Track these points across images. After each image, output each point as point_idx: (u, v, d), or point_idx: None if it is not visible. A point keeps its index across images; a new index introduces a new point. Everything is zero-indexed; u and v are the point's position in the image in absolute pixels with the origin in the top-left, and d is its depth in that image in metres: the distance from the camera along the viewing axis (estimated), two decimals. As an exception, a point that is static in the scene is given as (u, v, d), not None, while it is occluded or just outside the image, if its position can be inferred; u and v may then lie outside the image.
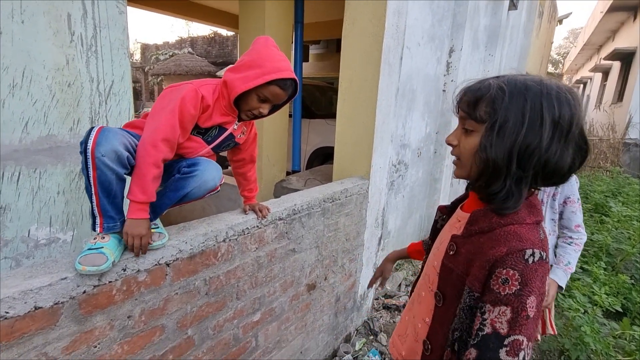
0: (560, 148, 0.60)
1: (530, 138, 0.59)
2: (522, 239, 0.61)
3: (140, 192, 0.92)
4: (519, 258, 0.59)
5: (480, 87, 0.65)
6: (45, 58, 1.30)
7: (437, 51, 2.96)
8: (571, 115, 0.59)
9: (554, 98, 0.59)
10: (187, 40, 14.31)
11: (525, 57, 6.59)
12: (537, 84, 0.61)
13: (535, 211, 0.66)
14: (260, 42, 1.08)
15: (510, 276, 0.58)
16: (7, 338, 0.73)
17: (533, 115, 0.59)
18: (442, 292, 0.73)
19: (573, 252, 1.37)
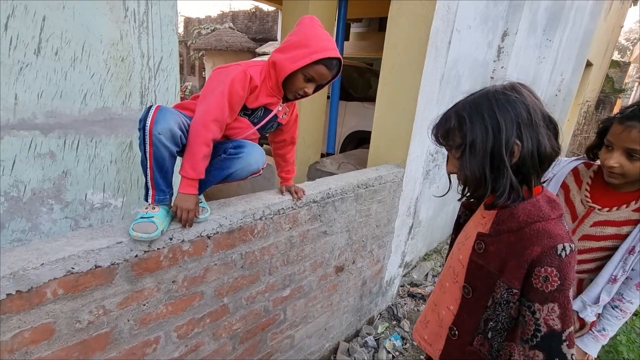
0: (532, 136, 0.67)
1: (497, 143, 0.67)
2: (552, 235, 0.66)
3: (191, 169, 0.98)
4: (553, 255, 0.65)
5: (445, 121, 0.75)
6: (102, 33, 1.37)
7: (490, 34, 2.76)
8: (525, 108, 0.67)
9: (503, 101, 0.68)
10: (229, 15, 14.38)
11: (588, 43, 5.98)
12: (486, 97, 0.70)
13: (556, 205, 0.72)
14: (306, 22, 1.07)
15: (549, 273, 0.65)
16: (73, 290, 0.83)
17: (493, 125, 0.67)
18: (471, 286, 0.79)
19: (614, 320, 1.03)
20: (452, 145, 0.74)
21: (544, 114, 0.70)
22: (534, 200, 0.72)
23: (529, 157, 0.68)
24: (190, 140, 0.98)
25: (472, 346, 0.79)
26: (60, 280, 0.80)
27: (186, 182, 0.99)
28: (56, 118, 1.32)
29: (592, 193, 1.03)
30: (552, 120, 0.71)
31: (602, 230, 1.00)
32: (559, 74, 5.11)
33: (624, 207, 0.97)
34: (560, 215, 0.71)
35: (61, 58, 1.28)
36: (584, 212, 1.04)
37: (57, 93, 1.30)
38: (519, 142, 0.67)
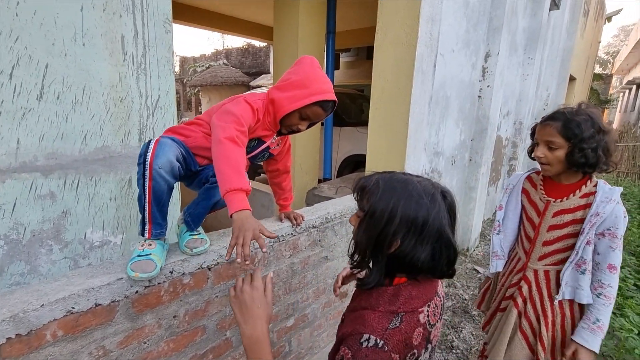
0: (413, 244, 0.67)
1: (386, 230, 0.67)
2: (365, 324, 0.66)
3: (239, 178, 0.87)
4: (356, 340, 0.64)
5: (367, 180, 0.75)
6: (102, 76, 1.43)
7: (472, 56, 2.89)
8: (425, 219, 0.66)
9: (413, 202, 0.67)
10: (223, 52, 14.94)
11: (569, 59, 6.23)
12: (404, 186, 0.70)
13: (394, 301, 0.69)
14: (307, 63, 1.11)
15: (345, 354, 0.64)
16: (72, 330, 0.81)
17: (392, 213, 0.67)
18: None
19: (603, 307, 1.12)
20: (360, 206, 0.74)
21: (443, 236, 0.68)
22: (383, 289, 0.71)
23: (402, 258, 0.68)
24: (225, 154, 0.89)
25: None
26: (59, 321, 0.79)
27: (237, 197, 0.85)
28: (57, 159, 1.35)
29: (546, 190, 1.24)
30: (452, 247, 0.69)
31: (561, 219, 1.18)
32: (545, 89, 5.28)
33: (571, 196, 1.16)
34: (392, 312, 0.68)
35: (62, 102, 1.33)
36: (543, 206, 1.22)
37: (58, 135, 1.34)
38: (400, 241, 0.67)
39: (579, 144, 1.07)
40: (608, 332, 2.28)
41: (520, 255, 1.32)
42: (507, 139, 4.36)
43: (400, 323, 0.67)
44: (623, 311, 2.29)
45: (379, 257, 0.70)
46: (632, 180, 6.85)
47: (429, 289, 0.73)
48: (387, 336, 0.64)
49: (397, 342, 0.64)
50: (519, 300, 1.28)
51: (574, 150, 1.08)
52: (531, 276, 1.26)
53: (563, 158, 1.11)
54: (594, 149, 1.07)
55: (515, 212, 1.33)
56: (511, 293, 1.32)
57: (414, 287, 0.71)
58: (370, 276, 0.71)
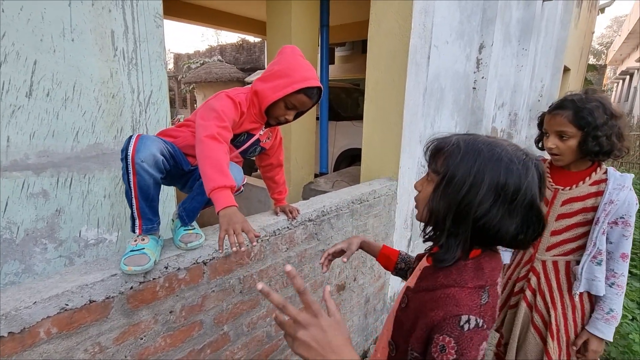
0: (501, 214, 0.61)
1: (469, 198, 0.61)
2: (459, 303, 0.60)
3: (222, 175, 0.89)
4: (454, 324, 0.58)
5: (444, 140, 0.68)
6: (93, 72, 1.41)
7: (467, 48, 2.88)
8: (517, 186, 0.60)
9: (502, 166, 0.61)
10: (217, 48, 14.82)
11: (563, 50, 6.23)
12: (492, 149, 0.63)
13: (481, 275, 0.64)
14: (287, 52, 1.12)
15: (447, 343, 0.57)
16: (67, 328, 0.81)
17: (477, 178, 0.61)
18: (395, 342, 0.72)
19: (616, 297, 1.10)
20: (432, 168, 0.69)
21: (534, 206, 0.62)
22: (463, 264, 0.65)
23: (487, 230, 0.62)
24: (206, 154, 0.92)
25: None
26: (53, 318, 0.79)
27: (222, 194, 0.88)
28: (49, 157, 1.33)
29: (554, 178, 1.20)
30: (541, 218, 0.63)
31: (570, 207, 1.15)
32: (539, 80, 5.29)
33: (581, 184, 1.14)
34: (480, 286, 0.63)
35: (52, 99, 1.31)
36: (551, 195, 1.19)
37: (49, 133, 1.32)
38: (487, 211, 0.60)
39: (593, 132, 1.03)
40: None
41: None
42: (502, 130, 4.38)
43: (488, 297, 0.63)
44: (618, 298, 2.32)
45: (461, 229, 0.63)
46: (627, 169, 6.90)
47: (499, 258, 0.69)
48: (482, 313, 0.60)
49: (490, 318, 0.61)
50: (528, 294, 1.24)
51: (587, 139, 1.05)
52: (539, 267, 1.22)
53: (575, 147, 1.08)
54: (608, 136, 1.04)
55: None
56: (520, 287, 1.28)
57: (491, 258, 0.67)
58: (448, 252, 0.64)
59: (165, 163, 0.98)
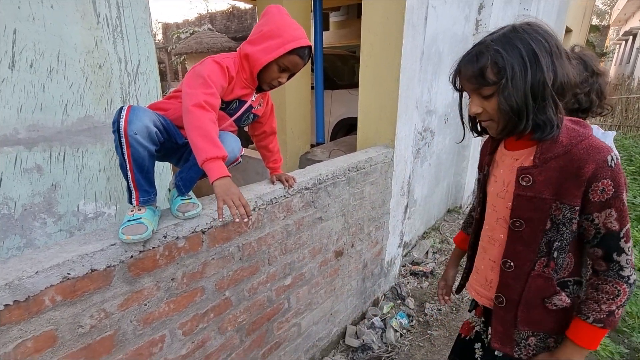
0: (562, 66, 0.72)
1: (537, 74, 0.71)
2: (599, 149, 0.72)
3: (213, 146, 0.89)
4: (605, 167, 0.71)
5: (477, 58, 0.75)
6: (76, 41, 1.35)
7: (466, 8, 2.77)
8: (554, 40, 0.73)
9: (534, 34, 0.72)
10: (207, 17, 14.19)
11: (566, 10, 6.00)
12: (517, 32, 0.73)
13: (583, 123, 0.79)
14: (274, 12, 1.07)
15: (605, 185, 0.71)
16: (71, 295, 0.83)
17: (530, 56, 0.71)
18: (522, 219, 0.83)
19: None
20: (486, 83, 0.75)
21: (562, 47, 0.74)
22: (565, 125, 0.77)
23: (562, 87, 0.72)
24: (195, 124, 0.90)
25: (534, 271, 0.83)
26: (57, 286, 0.81)
27: (215, 165, 0.88)
28: (39, 131, 1.31)
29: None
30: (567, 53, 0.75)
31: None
32: (540, 43, 5.13)
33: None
34: (591, 134, 0.76)
35: (37, 70, 1.27)
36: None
37: (37, 106, 1.29)
38: (554, 73, 0.71)
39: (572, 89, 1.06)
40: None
41: None
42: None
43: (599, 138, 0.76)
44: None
45: (546, 101, 0.72)
46: (624, 132, 6.89)
47: None
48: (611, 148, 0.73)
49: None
50: None
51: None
52: None
53: None
54: (587, 94, 1.06)
55: None
56: None
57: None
58: (547, 124, 0.74)
59: (159, 135, 0.96)
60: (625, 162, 4.44)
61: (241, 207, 0.87)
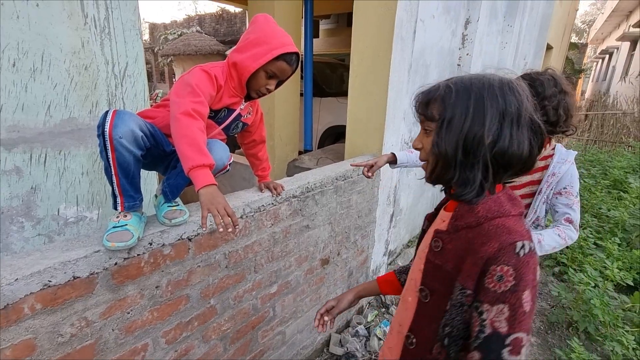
0: (512, 134, 0.62)
1: (475, 128, 0.62)
2: (511, 231, 0.61)
3: (200, 154, 0.88)
4: (511, 252, 0.59)
5: (431, 89, 0.70)
6: (62, 41, 1.32)
7: (453, 23, 2.85)
8: (518, 103, 0.63)
9: (496, 90, 0.63)
10: (195, 19, 14.09)
11: (547, 27, 6.26)
12: (480, 80, 0.65)
13: (517, 203, 0.68)
14: (261, 20, 1.08)
15: (505, 272, 0.58)
16: (51, 303, 0.81)
17: (477, 108, 0.63)
18: (428, 288, 0.72)
19: (554, 235, 1.16)
20: (429, 116, 0.69)
21: (533, 118, 0.65)
22: (495, 197, 0.67)
23: (502, 155, 0.63)
24: (182, 132, 0.90)
25: (431, 355, 0.71)
26: (37, 294, 0.78)
27: (201, 173, 0.87)
28: (19, 132, 1.27)
29: None
30: (540, 126, 0.66)
31: (519, 179, 1.21)
32: (522, 58, 5.33)
33: None
34: (521, 213, 0.67)
35: (19, 70, 1.24)
36: None
37: (19, 106, 1.25)
38: (498, 136, 0.62)
39: (541, 102, 1.10)
40: (568, 286, 2.48)
41: None
42: (484, 108, 4.43)
43: (524, 224, 0.66)
44: (583, 267, 2.49)
45: (475, 161, 0.64)
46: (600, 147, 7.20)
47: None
48: (531, 238, 0.62)
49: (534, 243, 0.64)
50: None
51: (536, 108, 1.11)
52: None
53: None
54: (555, 107, 1.10)
55: None
56: None
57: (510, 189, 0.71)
58: (467, 184, 0.65)
59: (145, 140, 0.95)
60: (600, 175, 4.63)
61: (226, 216, 0.85)
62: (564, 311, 2.33)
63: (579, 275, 2.30)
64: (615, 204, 3.67)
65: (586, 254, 2.76)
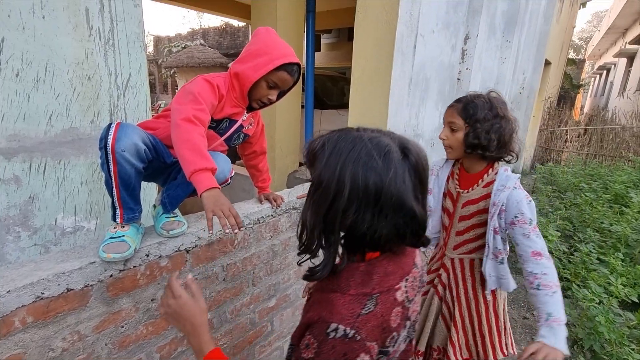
0: (370, 218, 0.55)
1: (335, 205, 0.56)
2: (333, 311, 0.56)
3: (202, 158, 0.87)
4: (322, 329, 0.56)
5: (314, 141, 0.62)
6: (66, 52, 1.34)
7: (452, 38, 2.90)
8: (379, 185, 0.54)
9: (361, 166, 0.55)
10: (199, 32, 14.35)
11: (545, 43, 6.36)
12: (352, 148, 0.56)
13: (368, 281, 0.59)
14: (262, 32, 1.10)
15: (311, 343, 0.56)
16: (43, 316, 0.79)
17: (340, 182, 0.55)
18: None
19: (548, 299, 1.01)
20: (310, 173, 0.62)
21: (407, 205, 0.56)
22: (355, 267, 0.60)
23: (362, 236, 0.57)
24: (183, 137, 0.89)
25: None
26: (29, 307, 0.76)
27: (203, 177, 0.85)
28: (20, 141, 1.27)
29: (460, 180, 1.23)
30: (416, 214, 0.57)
31: (468, 210, 1.19)
32: (521, 73, 5.39)
33: (475, 186, 1.17)
34: (365, 294, 0.58)
35: (23, 79, 1.25)
36: (456, 196, 1.23)
37: (20, 115, 1.26)
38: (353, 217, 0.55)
39: (474, 124, 1.08)
40: (572, 303, 2.43)
41: (440, 243, 1.35)
42: (484, 122, 4.45)
43: (376, 306, 0.57)
44: (586, 283, 2.45)
45: (331, 239, 0.58)
46: (599, 161, 7.21)
47: (405, 261, 0.64)
48: (359, 324, 0.55)
49: (373, 327, 0.56)
50: (440, 288, 1.32)
51: (469, 131, 1.08)
52: (449, 264, 1.29)
53: (462, 140, 1.11)
54: (487, 131, 1.07)
55: (439, 197, 1.30)
56: (431, 279, 1.36)
57: (390, 261, 0.61)
58: (320, 264, 0.60)
59: (148, 153, 0.95)
60: (601, 189, 4.62)
61: (231, 217, 0.84)
62: (569, 328, 2.28)
63: (583, 292, 2.26)
64: (617, 218, 3.65)
65: (589, 270, 2.73)
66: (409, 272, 0.64)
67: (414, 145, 0.59)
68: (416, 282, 0.66)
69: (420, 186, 0.58)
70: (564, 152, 8.02)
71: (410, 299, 0.63)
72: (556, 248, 3.08)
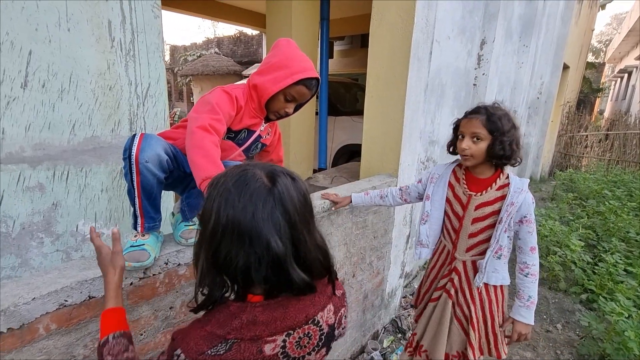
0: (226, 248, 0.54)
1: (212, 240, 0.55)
2: (185, 339, 0.56)
3: (213, 166, 0.88)
4: (172, 348, 0.56)
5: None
6: (89, 63, 1.38)
7: (468, 44, 2.86)
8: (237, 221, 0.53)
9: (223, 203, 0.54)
10: (214, 41, 14.66)
11: (563, 47, 6.22)
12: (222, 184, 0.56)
13: (227, 323, 0.56)
14: (283, 44, 1.10)
15: (166, 353, 0.58)
16: (66, 324, 0.80)
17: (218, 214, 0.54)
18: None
19: (532, 285, 1.25)
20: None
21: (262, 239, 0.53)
22: (226, 305, 0.58)
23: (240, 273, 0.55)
24: (196, 144, 0.90)
25: None
26: (52, 314, 0.77)
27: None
28: (45, 150, 1.31)
29: (468, 184, 1.30)
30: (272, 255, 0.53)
31: (483, 211, 1.26)
32: (539, 78, 5.28)
33: (489, 189, 1.25)
34: (218, 336, 0.55)
35: (48, 90, 1.29)
36: (466, 200, 1.29)
37: (45, 125, 1.30)
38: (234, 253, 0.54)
39: (500, 136, 1.15)
40: (599, 316, 2.33)
41: (448, 247, 1.38)
42: (501, 128, 4.37)
43: (227, 351, 0.54)
44: (614, 295, 2.34)
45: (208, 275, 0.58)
46: (623, 167, 6.95)
47: (294, 314, 0.59)
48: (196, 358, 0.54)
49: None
50: (452, 291, 1.36)
51: (495, 143, 1.16)
52: (460, 267, 1.34)
53: (485, 150, 1.18)
54: (510, 143, 1.17)
55: (441, 203, 1.36)
56: (443, 284, 1.39)
57: (267, 309, 0.57)
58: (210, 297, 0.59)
59: (170, 163, 0.96)
60: (625, 197, 4.45)
61: None
62: (595, 343, 2.18)
63: (611, 305, 2.16)
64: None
65: (617, 281, 2.61)
66: (296, 326, 0.59)
67: (286, 178, 0.58)
68: (311, 340, 0.61)
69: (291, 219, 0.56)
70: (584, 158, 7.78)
71: (293, 357, 0.59)
72: (579, 258, 2.96)
